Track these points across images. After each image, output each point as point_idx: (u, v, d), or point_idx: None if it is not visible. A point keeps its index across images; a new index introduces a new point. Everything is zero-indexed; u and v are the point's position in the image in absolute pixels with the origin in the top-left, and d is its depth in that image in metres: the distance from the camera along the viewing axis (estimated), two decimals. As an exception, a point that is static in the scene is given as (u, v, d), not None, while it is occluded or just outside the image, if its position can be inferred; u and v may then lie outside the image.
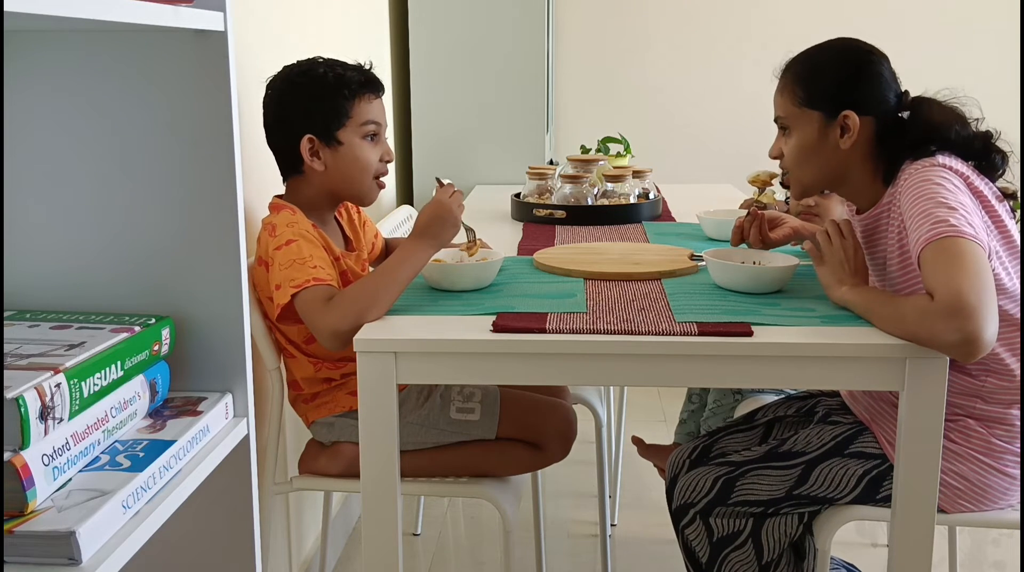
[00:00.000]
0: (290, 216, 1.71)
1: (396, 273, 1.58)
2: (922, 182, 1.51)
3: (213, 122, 1.10)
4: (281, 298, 1.60)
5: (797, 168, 1.69)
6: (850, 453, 1.63)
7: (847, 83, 1.63)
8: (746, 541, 1.68)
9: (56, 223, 1.14)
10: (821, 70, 1.66)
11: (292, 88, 1.75)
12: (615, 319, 1.50)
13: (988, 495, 1.59)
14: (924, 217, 1.45)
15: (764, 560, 1.68)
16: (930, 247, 1.41)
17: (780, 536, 1.69)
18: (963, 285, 1.34)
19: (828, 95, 1.63)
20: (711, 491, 1.68)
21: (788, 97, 1.67)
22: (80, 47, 1.09)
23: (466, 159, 3.47)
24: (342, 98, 1.74)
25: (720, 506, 1.68)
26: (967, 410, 1.60)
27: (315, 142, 1.74)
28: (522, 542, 2.44)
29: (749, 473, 1.67)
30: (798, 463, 1.65)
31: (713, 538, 1.69)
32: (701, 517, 1.69)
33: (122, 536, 0.90)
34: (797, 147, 1.67)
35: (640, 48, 4.15)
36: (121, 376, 1.01)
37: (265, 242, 1.69)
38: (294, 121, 1.74)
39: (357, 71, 1.77)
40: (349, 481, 1.76)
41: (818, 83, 1.64)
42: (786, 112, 1.68)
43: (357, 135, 1.76)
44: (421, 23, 3.45)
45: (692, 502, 1.70)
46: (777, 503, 1.65)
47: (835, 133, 1.63)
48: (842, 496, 1.63)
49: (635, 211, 2.46)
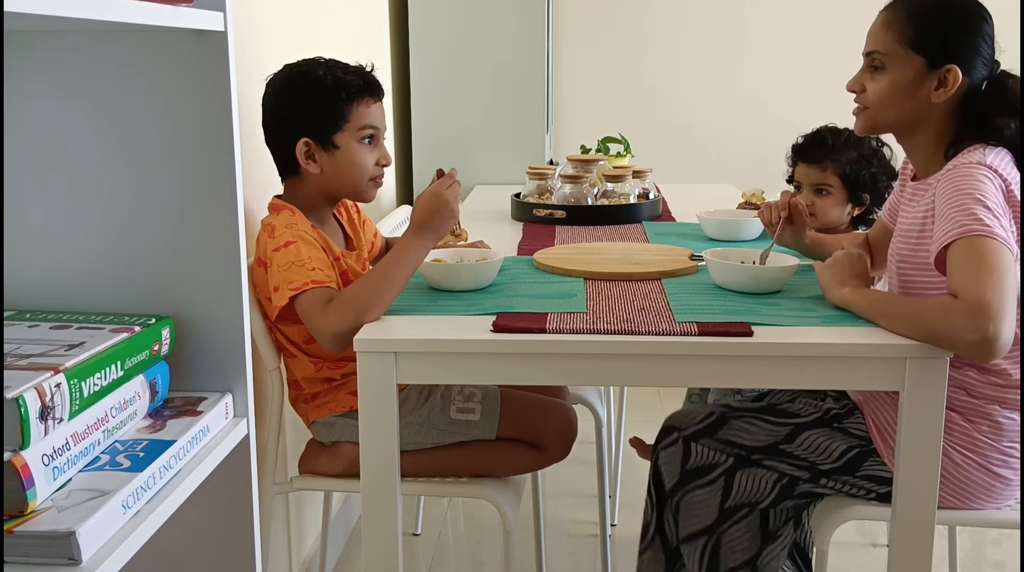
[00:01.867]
0: (289, 217, 1.71)
1: (395, 271, 1.58)
2: (965, 177, 1.49)
3: (213, 122, 1.10)
4: (279, 300, 1.60)
5: (880, 107, 1.63)
6: (838, 428, 1.66)
7: (959, 37, 1.58)
8: (717, 479, 1.69)
9: (56, 223, 1.14)
10: (935, 15, 1.60)
11: (291, 89, 1.74)
12: (615, 319, 1.50)
13: (970, 491, 1.59)
14: (959, 209, 1.44)
15: (726, 505, 1.69)
16: (961, 243, 1.41)
17: (750, 488, 1.69)
18: (989, 287, 1.34)
19: (937, 44, 1.58)
20: (701, 423, 1.72)
21: (895, 34, 1.60)
22: (80, 47, 1.09)
23: (466, 159, 3.47)
24: (340, 102, 1.73)
25: (706, 437, 1.70)
26: (950, 402, 1.59)
27: (311, 145, 1.73)
28: (522, 542, 2.44)
29: (742, 418, 1.70)
30: (788, 423, 1.68)
31: (687, 464, 1.71)
32: (684, 441, 1.72)
33: (122, 536, 0.90)
34: (888, 87, 1.61)
35: (640, 48, 4.15)
36: (121, 376, 1.01)
37: (264, 243, 1.69)
38: (291, 123, 1.74)
39: (357, 74, 1.76)
40: (349, 481, 1.76)
41: (931, 29, 1.59)
42: (887, 48, 1.61)
43: (354, 139, 1.75)
44: (421, 23, 3.45)
45: (679, 427, 1.74)
46: (761, 452, 1.68)
47: (931, 83, 1.58)
48: (823, 463, 1.65)
49: (635, 211, 2.46)
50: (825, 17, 3.99)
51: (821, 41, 4.04)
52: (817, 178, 2.14)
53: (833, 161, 2.12)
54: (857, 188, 2.13)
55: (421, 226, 1.63)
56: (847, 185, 2.13)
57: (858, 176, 2.11)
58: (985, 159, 1.53)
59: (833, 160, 2.12)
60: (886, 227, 1.86)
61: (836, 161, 2.12)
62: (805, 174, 2.17)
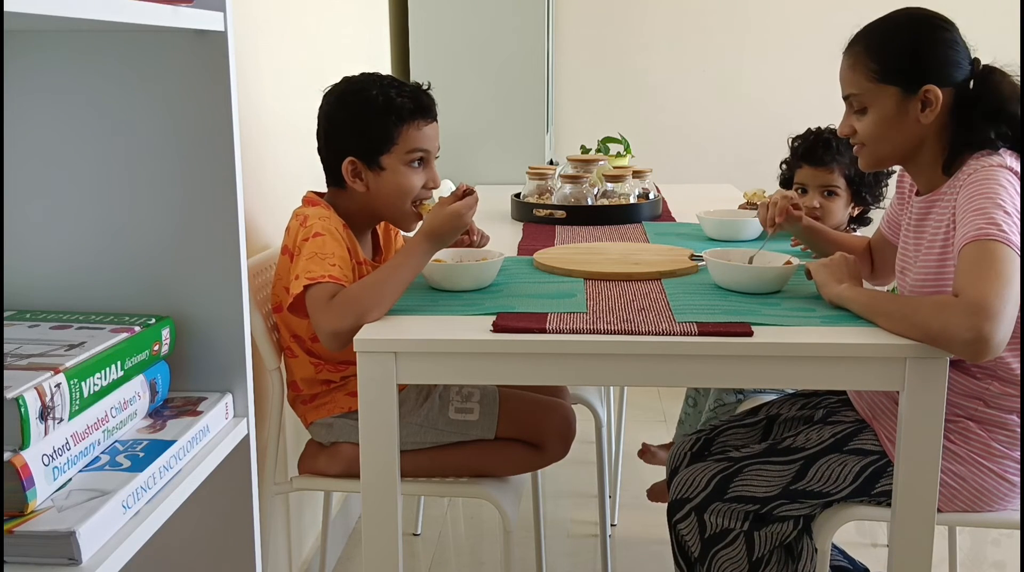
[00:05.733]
0: (323, 211, 1.71)
1: (397, 273, 1.58)
2: (986, 180, 1.48)
3: (213, 122, 1.10)
4: (296, 288, 1.59)
5: (874, 144, 1.63)
6: (849, 450, 1.64)
7: (923, 56, 1.58)
8: (737, 539, 1.68)
9: (56, 223, 1.14)
10: (894, 43, 1.60)
11: (342, 107, 1.75)
12: (615, 319, 1.50)
13: (984, 498, 1.59)
14: (979, 213, 1.44)
15: (754, 557, 1.69)
16: (974, 245, 1.40)
17: (771, 539, 1.69)
18: (991, 289, 1.34)
19: (905, 69, 1.58)
20: (707, 487, 1.69)
21: (861, 73, 1.60)
22: (80, 47, 1.09)
23: (466, 159, 3.47)
24: (390, 124, 1.72)
25: (716, 502, 1.68)
26: (968, 412, 1.60)
27: (357, 164, 1.73)
28: (522, 542, 2.44)
29: (747, 469, 1.68)
30: (796, 459, 1.66)
31: (705, 534, 1.69)
32: (696, 513, 1.69)
33: (122, 536, 0.90)
34: (875, 123, 1.61)
35: (640, 48, 4.15)
36: (121, 376, 1.01)
37: (295, 231, 1.69)
38: (340, 139, 1.74)
39: (410, 96, 1.74)
40: (349, 481, 1.76)
41: (893, 57, 1.58)
42: (860, 88, 1.61)
43: (402, 162, 1.74)
44: (421, 23, 3.45)
45: (688, 497, 1.70)
46: (773, 500, 1.66)
47: (915, 107, 1.58)
48: (839, 492, 1.63)
49: (635, 211, 2.46)
50: (825, 17, 3.99)
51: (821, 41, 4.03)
52: (825, 180, 2.14)
53: (839, 162, 2.12)
54: (861, 188, 2.13)
55: (430, 234, 1.63)
56: (852, 186, 2.14)
57: (862, 177, 2.11)
58: (1006, 161, 1.52)
59: (839, 162, 2.12)
60: (888, 240, 1.86)
61: (841, 162, 2.12)
62: (812, 176, 2.15)
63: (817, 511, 1.66)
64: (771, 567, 1.70)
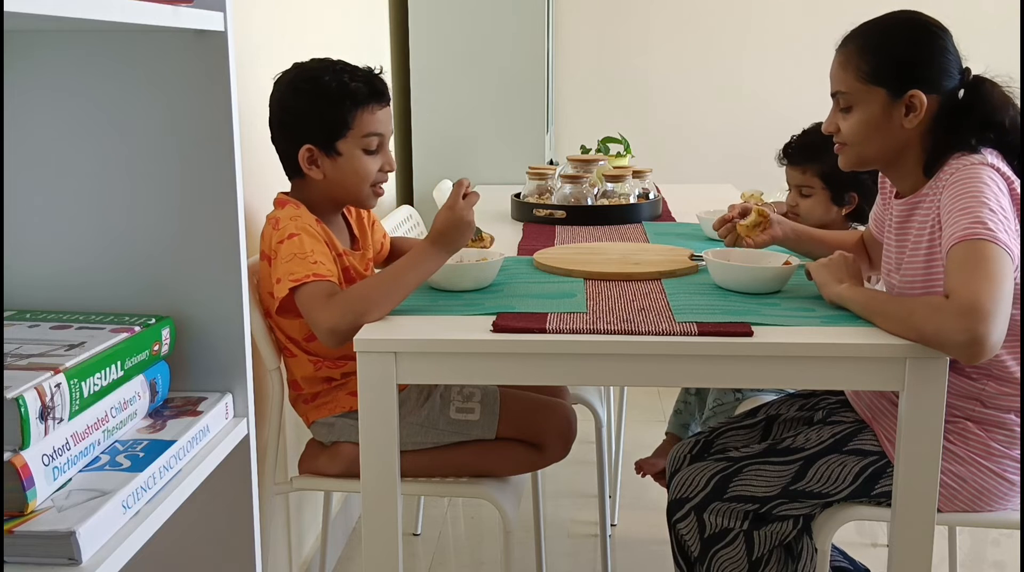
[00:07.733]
0: (294, 210, 1.71)
1: (404, 277, 1.58)
2: (969, 179, 1.48)
3: (213, 122, 1.10)
4: (280, 291, 1.59)
5: (858, 145, 1.63)
6: (848, 450, 1.64)
7: (914, 60, 1.58)
8: (737, 538, 1.68)
9: (56, 223, 1.14)
10: (887, 45, 1.59)
11: (296, 94, 1.73)
12: (615, 319, 1.50)
13: (984, 498, 1.59)
14: (965, 213, 1.43)
15: (754, 556, 1.69)
16: (962, 246, 1.40)
17: (770, 538, 1.69)
18: (983, 289, 1.33)
19: (894, 72, 1.57)
20: (707, 486, 1.69)
21: (851, 72, 1.60)
22: (80, 47, 1.09)
23: (466, 159, 3.47)
24: (344, 109, 1.72)
25: (716, 502, 1.68)
26: (966, 413, 1.60)
27: (314, 151, 1.73)
28: (522, 542, 2.44)
29: (746, 469, 1.68)
30: (796, 459, 1.66)
31: (704, 534, 1.69)
32: (695, 512, 1.69)
33: (122, 536, 0.90)
34: (859, 123, 1.60)
35: (640, 48, 4.15)
36: (121, 376, 1.01)
37: (269, 236, 1.69)
38: (295, 128, 1.74)
39: (364, 80, 1.74)
40: (349, 481, 1.76)
41: (884, 59, 1.58)
42: (848, 87, 1.61)
43: (358, 146, 1.74)
44: (421, 23, 3.45)
45: (687, 497, 1.70)
46: (773, 500, 1.66)
47: (900, 111, 1.57)
48: (838, 492, 1.63)
49: (635, 211, 2.46)
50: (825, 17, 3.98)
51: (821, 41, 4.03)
52: (799, 180, 2.19)
53: (813, 163, 2.14)
54: (841, 189, 2.14)
55: (437, 238, 1.62)
56: (829, 185, 2.14)
57: (840, 176, 2.11)
58: (987, 159, 1.52)
59: (813, 162, 2.14)
60: (876, 238, 1.87)
61: (817, 163, 2.13)
62: (791, 175, 2.22)
63: (817, 511, 1.67)
64: (771, 567, 1.70)
